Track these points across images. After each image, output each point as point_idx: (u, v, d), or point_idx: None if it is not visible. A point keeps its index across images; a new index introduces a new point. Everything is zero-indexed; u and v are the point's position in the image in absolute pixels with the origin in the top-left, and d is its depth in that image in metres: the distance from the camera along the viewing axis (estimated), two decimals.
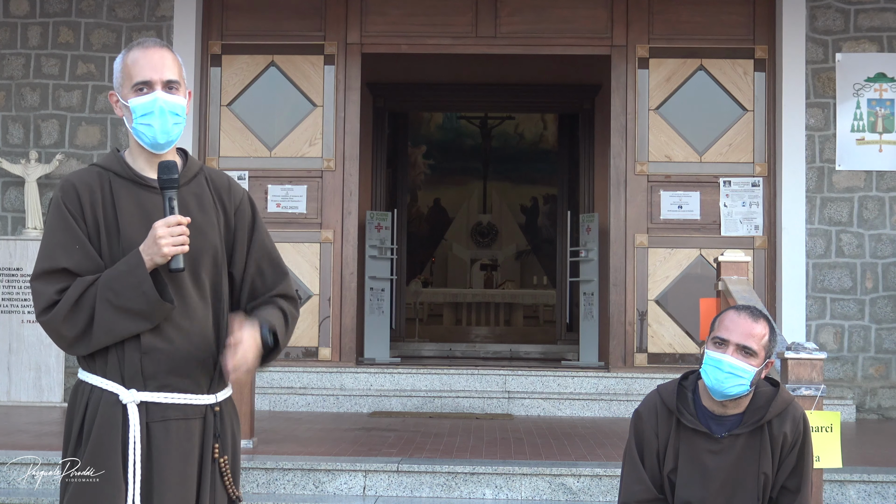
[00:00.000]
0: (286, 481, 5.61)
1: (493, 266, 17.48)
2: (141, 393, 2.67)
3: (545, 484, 5.60)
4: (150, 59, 2.75)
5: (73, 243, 2.67)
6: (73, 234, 2.68)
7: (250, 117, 9.08)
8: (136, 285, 2.62)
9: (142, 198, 2.76)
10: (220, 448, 2.79)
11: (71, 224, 2.69)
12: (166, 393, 2.70)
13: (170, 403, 2.70)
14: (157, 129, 2.74)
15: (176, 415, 2.71)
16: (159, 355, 2.68)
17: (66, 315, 2.63)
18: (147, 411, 2.68)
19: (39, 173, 8.56)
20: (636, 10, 9.00)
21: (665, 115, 8.95)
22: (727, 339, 3.30)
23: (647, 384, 8.34)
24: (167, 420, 2.70)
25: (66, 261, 2.66)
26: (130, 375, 2.67)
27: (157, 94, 2.73)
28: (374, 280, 10.39)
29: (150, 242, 2.64)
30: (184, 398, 2.72)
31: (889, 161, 8.65)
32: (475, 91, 12.83)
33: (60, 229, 2.69)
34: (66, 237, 2.68)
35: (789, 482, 3.36)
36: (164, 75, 2.75)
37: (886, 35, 8.71)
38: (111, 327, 2.63)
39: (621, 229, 8.94)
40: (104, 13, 8.90)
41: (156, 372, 2.68)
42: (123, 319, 2.63)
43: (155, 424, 2.68)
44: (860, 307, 8.58)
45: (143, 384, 2.68)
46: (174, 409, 2.71)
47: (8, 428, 6.88)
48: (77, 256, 2.67)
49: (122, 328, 2.64)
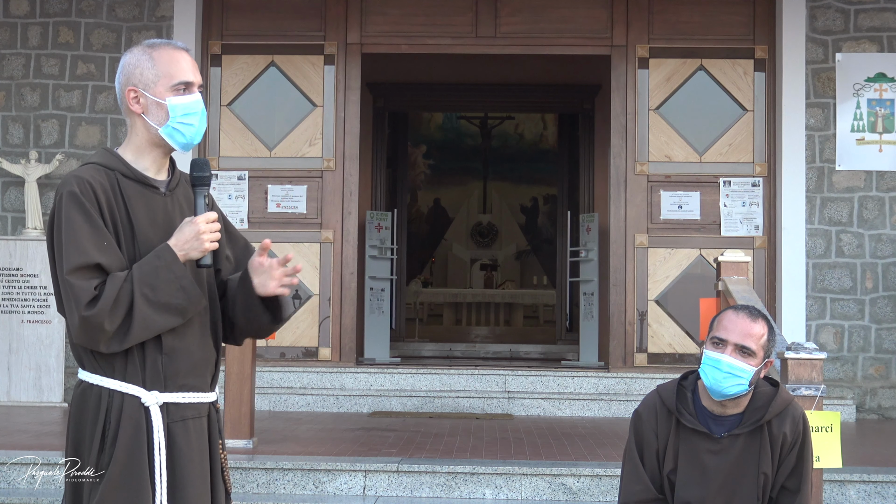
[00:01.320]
0: (286, 481, 5.61)
1: (493, 266, 17.48)
2: (163, 394, 2.70)
3: (545, 484, 5.60)
4: (188, 62, 2.81)
5: (102, 239, 2.66)
6: (100, 230, 2.67)
7: (250, 117, 9.08)
8: (173, 280, 2.65)
9: (147, 198, 2.77)
10: (223, 443, 2.87)
11: (96, 220, 2.67)
12: (185, 393, 2.73)
13: (187, 403, 2.74)
14: (196, 129, 2.80)
15: (192, 414, 2.76)
16: (178, 355, 2.72)
17: (111, 309, 2.61)
18: (167, 412, 2.71)
19: (39, 173, 8.56)
20: (636, 10, 9.00)
21: (665, 115, 8.96)
22: (725, 338, 3.30)
23: (647, 384, 8.34)
24: (185, 420, 2.73)
25: (99, 256, 2.64)
26: (152, 377, 2.69)
27: (200, 97, 2.82)
28: (374, 280, 10.39)
29: (189, 237, 2.68)
30: (198, 397, 2.77)
31: (889, 161, 8.65)
32: (475, 91, 12.83)
33: (87, 225, 2.65)
34: (94, 233, 2.65)
35: (789, 482, 3.36)
36: (200, 79, 2.84)
37: (886, 35, 8.71)
38: (149, 323, 2.64)
39: (621, 229, 8.94)
40: (104, 13, 8.90)
41: (175, 372, 2.71)
42: (160, 315, 2.65)
43: (175, 425, 2.71)
44: (860, 307, 8.58)
45: (163, 385, 2.70)
46: (191, 408, 2.75)
47: (8, 428, 6.88)
48: (108, 252, 2.66)
49: (160, 323, 2.66)
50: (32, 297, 8.20)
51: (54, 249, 2.69)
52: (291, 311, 2.94)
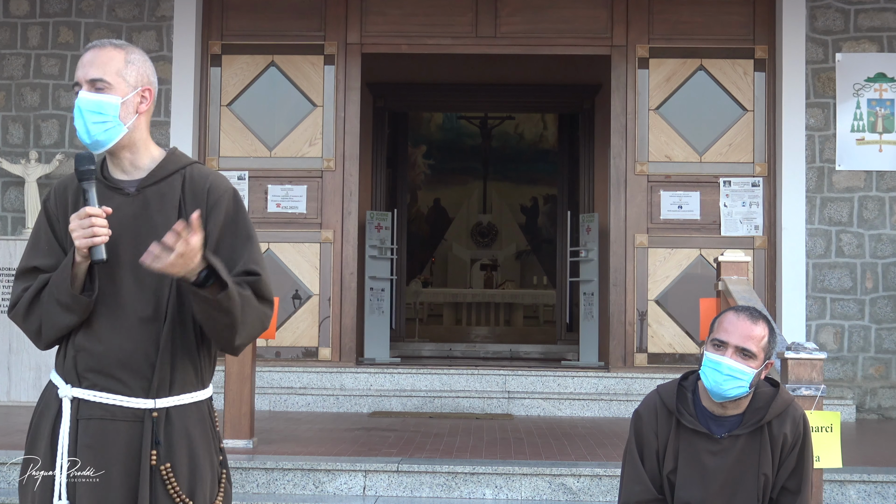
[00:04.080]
0: (286, 481, 5.61)
1: (493, 266, 17.48)
2: (74, 389, 2.73)
3: (545, 484, 5.60)
4: (85, 58, 2.76)
5: (44, 243, 2.78)
6: (45, 234, 2.79)
7: (250, 117, 9.08)
8: (65, 279, 2.69)
9: (110, 199, 2.76)
10: (164, 455, 2.72)
11: (45, 225, 2.80)
12: (95, 392, 2.73)
13: (98, 402, 2.72)
14: (80, 129, 2.76)
15: (103, 414, 2.72)
16: (87, 354, 2.73)
17: (25, 311, 2.74)
18: (79, 408, 2.73)
19: (39, 173, 8.56)
20: (636, 10, 9.00)
21: (665, 115, 8.96)
22: (726, 341, 3.30)
23: (647, 384, 8.34)
24: (93, 419, 2.73)
25: (35, 259, 2.78)
26: (67, 371, 2.75)
27: (80, 95, 2.74)
28: (374, 280, 10.39)
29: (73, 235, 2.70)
30: (112, 399, 2.72)
31: (889, 161, 8.65)
32: (475, 91, 12.83)
33: (38, 231, 2.82)
34: (39, 237, 2.80)
35: (789, 483, 3.36)
36: (89, 74, 2.73)
37: (886, 35, 8.71)
38: (52, 320, 2.71)
39: (621, 229, 8.94)
40: (104, 13, 8.90)
41: (86, 370, 2.73)
42: (59, 312, 2.70)
43: (84, 422, 2.73)
44: (860, 307, 8.59)
45: (77, 381, 2.74)
46: (102, 408, 2.73)
47: (8, 428, 6.88)
48: (45, 255, 2.77)
49: (60, 321, 2.71)
50: None
51: None
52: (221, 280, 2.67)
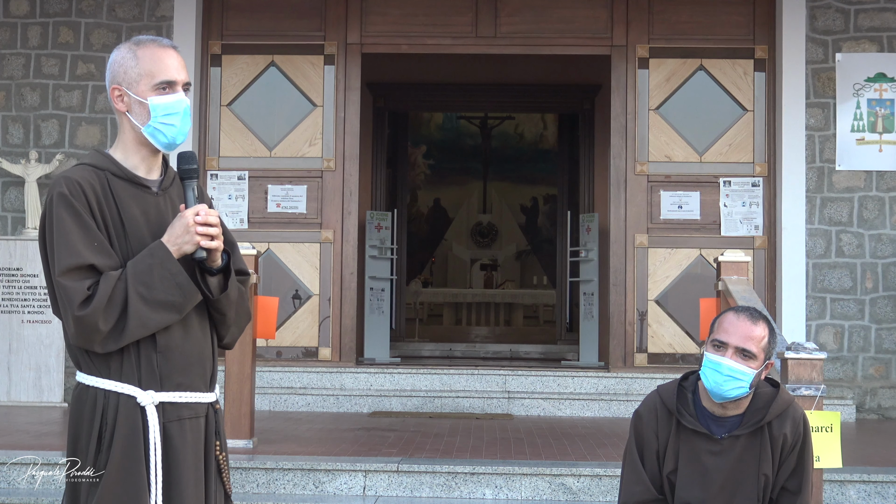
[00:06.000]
0: (286, 481, 5.61)
1: (493, 266, 17.48)
2: (158, 394, 2.68)
3: (545, 484, 5.60)
4: (172, 59, 2.76)
5: (92, 240, 2.65)
6: (91, 230, 2.66)
7: (250, 117, 9.08)
8: (168, 277, 2.63)
9: (139, 197, 2.76)
10: (220, 444, 2.83)
11: (86, 220, 2.66)
12: (181, 392, 2.71)
13: (183, 402, 2.72)
14: (178, 129, 2.76)
15: (188, 413, 2.73)
16: (173, 353, 2.70)
17: (104, 310, 2.61)
18: (163, 412, 2.69)
19: (39, 173, 8.56)
20: (636, 10, 9.00)
21: (665, 115, 8.96)
22: (726, 341, 3.30)
23: (647, 384, 8.34)
24: (182, 420, 2.72)
25: (91, 256, 2.63)
26: (147, 376, 2.68)
27: (183, 96, 2.77)
28: (374, 280, 10.39)
29: (180, 232, 2.67)
30: (194, 396, 2.74)
31: (889, 161, 8.65)
32: (475, 91, 12.83)
33: (78, 226, 2.65)
34: (85, 233, 2.65)
35: (789, 483, 3.37)
36: (185, 77, 2.78)
37: (886, 35, 8.71)
38: (145, 321, 2.63)
39: (621, 229, 8.94)
40: (104, 13, 8.90)
41: (171, 371, 2.69)
42: (156, 312, 2.63)
43: (171, 424, 2.70)
44: (860, 307, 8.58)
45: (159, 384, 2.68)
46: (187, 407, 2.73)
47: (8, 428, 6.88)
48: (99, 252, 2.66)
49: (156, 321, 2.64)
50: (32, 297, 8.20)
51: (46, 252, 2.69)
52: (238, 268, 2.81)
